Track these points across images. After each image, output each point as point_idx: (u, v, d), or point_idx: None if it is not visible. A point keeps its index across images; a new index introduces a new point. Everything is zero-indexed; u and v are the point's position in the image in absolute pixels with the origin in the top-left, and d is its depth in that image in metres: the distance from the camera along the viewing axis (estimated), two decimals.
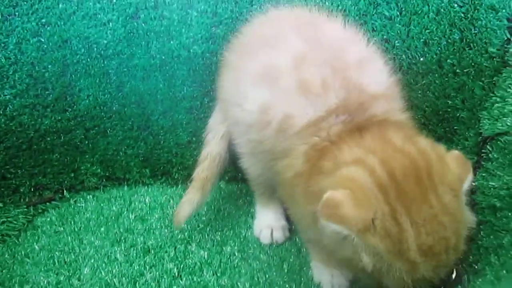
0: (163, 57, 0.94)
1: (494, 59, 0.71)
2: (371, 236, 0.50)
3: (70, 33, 0.90)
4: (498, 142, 0.67)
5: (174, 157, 1.01)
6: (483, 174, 0.67)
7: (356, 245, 0.51)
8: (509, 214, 0.58)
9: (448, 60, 0.79)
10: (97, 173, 0.99)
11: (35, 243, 0.86)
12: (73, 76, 0.92)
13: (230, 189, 1.02)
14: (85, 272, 0.79)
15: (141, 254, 0.83)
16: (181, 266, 0.80)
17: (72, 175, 0.97)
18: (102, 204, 0.97)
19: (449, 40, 0.79)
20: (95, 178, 0.99)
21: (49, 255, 0.83)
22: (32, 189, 0.94)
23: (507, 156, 0.64)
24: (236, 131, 0.75)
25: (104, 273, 0.79)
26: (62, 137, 0.94)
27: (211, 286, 0.76)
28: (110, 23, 0.91)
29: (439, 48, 0.81)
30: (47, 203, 0.96)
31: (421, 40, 0.83)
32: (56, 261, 0.82)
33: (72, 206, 0.96)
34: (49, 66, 0.90)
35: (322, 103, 0.61)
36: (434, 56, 0.81)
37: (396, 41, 0.85)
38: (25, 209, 0.93)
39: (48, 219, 0.93)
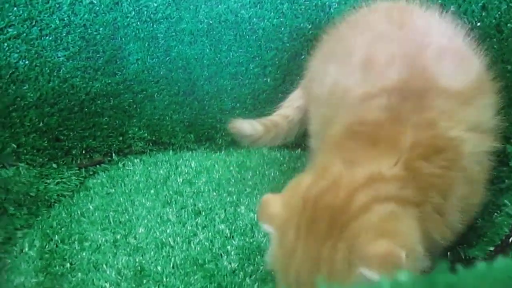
0: (211, 22, 0.94)
1: None
2: (278, 239, 0.51)
3: None
4: None
5: (218, 122, 1.02)
6: None
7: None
8: None
9: (509, 25, 0.77)
10: (144, 137, 1.01)
11: (89, 204, 0.89)
12: (123, 39, 0.92)
13: (273, 155, 1.03)
14: (140, 232, 0.82)
15: (192, 216, 0.85)
16: (233, 227, 0.82)
17: (120, 138, 0.99)
18: (149, 168, 0.99)
19: (510, 4, 0.77)
20: (141, 142, 1.01)
21: (104, 215, 0.86)
22: (83, 152, 0.97)
23: None
24: (313, 106, 0.75)
25: (159, 232, 0.81)
26: (112, 101, 0.96)
27: (264, 247, 0.77)
28: None
29: (499, 13, 0.79)
30: (97, 166, 0.98)
31: (479, 4, 0.81)
32: (111, 220, 0.84)
33: (121, 169, 0.99)
34: (101, 29, 0.91)
35: (378, 80, 0.58)
36: (493, 21, 0.79)
37: (452, 6, 0.83)
38: (77, 171, 0.95)
39: (99, 181, 0.95)
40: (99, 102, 0.95)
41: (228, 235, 0.80)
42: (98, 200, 0.90)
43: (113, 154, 1.00)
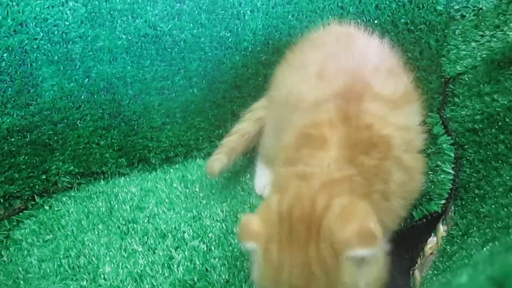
0: (129, 37, 0.90)
1: (443, 15, 0.88)
2: (262, 255, 0.55)
3: (25, 14, 0.79)
4: (460, 80, 0.84)
5: (150, 141, 0.97)
6: (452, 107, 0.84)
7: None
8: (490, 130, 0.75)
9: (402, 20, 0.94)
10: (70, 170, 0.90)
11: (29, 257, 0.76)
12: (33, 64, 0.81)
13: None
14: (108, 271, 0.73)
15: (159, 240, 0.80)
16: (206, 240, 0.80)
17: (43, 177, 0.86)
18: (83, 203, 0.88)
19: (399, 3, 0.94)
20: (68, 176, 0.90)
21: (56, 265, 0.74)
22: (0, 200, 0.81)
23: (471, 90, 0.81)
24: (271, 110, 0.82)
25: (130, 266, 0.74)
26: (28, 136, 0.82)
27: (245, 251, 0.78)
28: (70, 2, 0.83)
29: (391, 11, 0.95)
30: (20, 214, 0.83)
31: (373, 5, 0.96)
32: (67, 268, 0.74)
33: (49, 212, 0.86)
34: (5, 55, 0.78)
35: (330, 87, 0.66)
36: (388, 18, 0.95)
37: (350, 7, 0.97)
38: None
39: (28, 230, 0.81)
40: (13, 139, 0.81)
41: (206, 249, 0.78)
42: (38, 251, 0.77)
43: (36, 197, 0.86)
